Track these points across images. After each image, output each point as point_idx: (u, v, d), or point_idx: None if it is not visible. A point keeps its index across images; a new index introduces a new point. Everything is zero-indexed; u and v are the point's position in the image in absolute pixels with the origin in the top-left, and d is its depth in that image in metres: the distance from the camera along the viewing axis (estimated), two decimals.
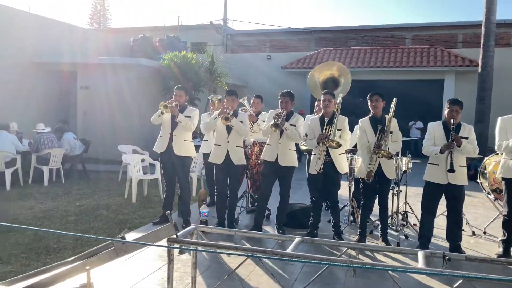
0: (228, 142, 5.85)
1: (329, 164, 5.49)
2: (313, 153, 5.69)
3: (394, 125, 5.38)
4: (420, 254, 2.70)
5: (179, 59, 13.27)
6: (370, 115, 5.47)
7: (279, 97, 5.83)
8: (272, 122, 5.55)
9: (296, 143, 5.89)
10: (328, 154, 5.47)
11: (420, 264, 2.60)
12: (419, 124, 15.84)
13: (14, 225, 3.52)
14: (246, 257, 2.63)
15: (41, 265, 4.48)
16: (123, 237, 3.10)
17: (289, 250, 2.81)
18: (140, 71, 13.34)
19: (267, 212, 6.40)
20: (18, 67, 12.99)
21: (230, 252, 2.74)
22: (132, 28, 25.06)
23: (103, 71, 13.40)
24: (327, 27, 24.61)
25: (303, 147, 6.39)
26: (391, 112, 5.39)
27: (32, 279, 3.41)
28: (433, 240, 5.48)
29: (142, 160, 8.56)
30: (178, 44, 17.20)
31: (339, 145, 5.35)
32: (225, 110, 5.74)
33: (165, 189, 6.42)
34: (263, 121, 6.30)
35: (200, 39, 23.25)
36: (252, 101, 7.02)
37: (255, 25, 43.35)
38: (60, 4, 62.40)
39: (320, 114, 5.68)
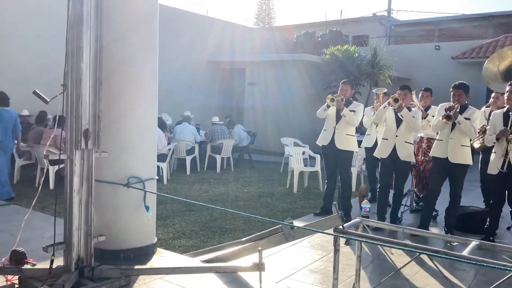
0: (396, 136, 5.63)
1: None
2: (493, 150, 5.11)
3: None
4: None
5: (341, 53, 13.26)
6: None
7: (451, 89, 5.40)
8: (444, 114, 5.19)
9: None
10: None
11: None
12: None
13: (203, 204, 3.96)
14: (417, 254, 2.53)
15: (216, 243, 4.99)
16: (291, 223, 3.27)
17: (465, 253, 2.61)
18: (302, 67, 13.72)
19: (434, 213, 6.01)
20: (195, 66, 14.58)
21: (398, 247, 2.67)
22: (295, 25, 25.82)
23: (268, 68, 14.19)
24: (509, 11, 21.68)
25: (475, 145, 5.79)
26: None
27: (212, 253, 3.84)
28: None
29: (303, 153, 8.83)
30: (340, 38, 17.16)
31: None
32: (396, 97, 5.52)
33: (326, 181, 6.52)
34: (433, 116, 5.91)
35: (362, 32, 22.76)
36: (420, 94, 6.64)
37: (422, 14, 40.55)
38: (231, 6, 67.71)
39: (505, 110, 5.07)
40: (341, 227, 3.01)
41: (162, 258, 3.92)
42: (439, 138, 5.45)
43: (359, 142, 7.08)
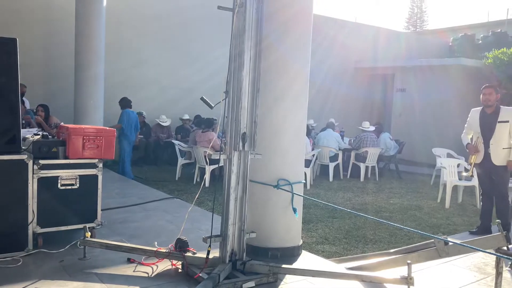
0: None
1: None
2: None
3: None
4: None
5: (506, 57, 11.92)
6: None
7: None
8: None
9: None
10: None
11: None
12: None
13: (351, 211, 3.95)
14: None
15: (359, 252, 4.91)
16: (446, 238, 3.06)
17: None
18: (459, 72, 12.70)
19: None
20: (341, 72, 14.53)
21: None
22: (450, 27, 24.02)
23: (419, 73, 13.44)
24: None
25: None
26: None
27: (356, 261, 3.80)
28: None
29: (458, 165, 8.15)
30: (505, 40, 15.41)
31: None
32: None
33: (480, 198, 5.95)
34: None
35: None
36: None
37: None
38: (381, 11, 65.84)
39: None
40: (505, 247, 2.72)
41: (307, 260, 4.00)
42: None
43: None
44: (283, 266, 3.44)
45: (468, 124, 5.90)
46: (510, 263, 3.03)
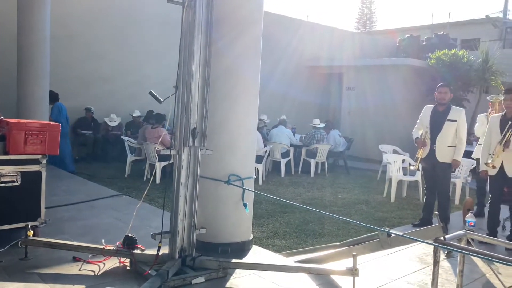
0: (503, 151, 5.21)
1: None
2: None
3: None
4: None
5: (448, 58, 12.56)
6: None
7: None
8: None
9: None
10: None
11: None
12: None
13: (300, 205, 4.02)
14: None
15: (309, 245, 5.02)
16: (389, 230, 3.19)
17: None
18: (405, 72, 13.23)
19: None
20: (293, 70, 14.74)
21: (508, 263, 2.47)
22: (398, 28, 24.91)
23: (368, 73, 13.88)
24: None
25: None
26: None
27: (305, 255, 3.89)
28: None
29: (403, 161, 8.50)
30: (447, 42, 16.20)
31: None
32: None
33: (424, 192, 6.25)
34: None
35: (473, 35, 21.21)
36: None
37: None
38: (332, 10, 67.29)
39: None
40: (442, 238, 2.88)
41: (257, 255, 4.05)
42: None
43: (468, 153, 6.65)
44: (233, 260, 3.46)
45: (420, 120, 6.14)
46: (446, 252, 3.22)
